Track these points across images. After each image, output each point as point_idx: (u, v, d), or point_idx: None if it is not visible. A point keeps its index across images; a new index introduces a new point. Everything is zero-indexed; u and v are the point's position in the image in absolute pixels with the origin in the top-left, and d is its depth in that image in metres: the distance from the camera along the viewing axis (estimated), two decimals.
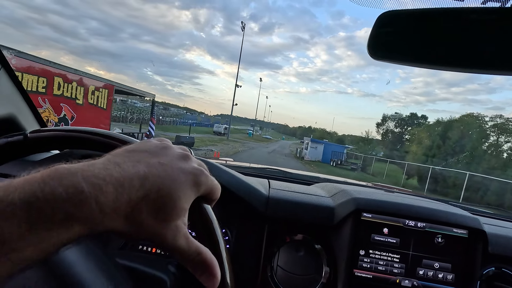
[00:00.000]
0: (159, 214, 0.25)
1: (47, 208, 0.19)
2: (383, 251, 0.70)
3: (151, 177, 0.25)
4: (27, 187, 0.20)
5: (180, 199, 0.26)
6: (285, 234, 0.74)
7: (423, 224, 0.70)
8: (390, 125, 44.54)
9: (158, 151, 0.29)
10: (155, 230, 0.25)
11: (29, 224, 0.18)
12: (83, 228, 0.21)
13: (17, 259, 0.18)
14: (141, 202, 0.24)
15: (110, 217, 0.22)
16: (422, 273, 0.69)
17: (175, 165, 0.28)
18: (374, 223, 0.71)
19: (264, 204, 0.74)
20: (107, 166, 0.24)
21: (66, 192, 0.20)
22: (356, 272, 0.69)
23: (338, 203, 0.75)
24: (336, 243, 0.73)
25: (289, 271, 0.72)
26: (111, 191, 0.22)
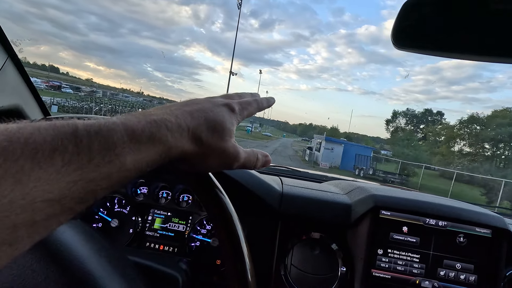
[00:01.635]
0: (214, 135, 0.31)
1: (138, 129, 0.25)
2: (402, 250, 0.67)
3: (194, 111, 0.31)
4: (122, 117, 0.26)
5: (225, 122, 0.33)
6: (299, 232, 0.71)
7: (444, 223, 0.67)
8: (401, 122, 41.08)
9: (190, 100, 0.35)
10: (217, 146, 0.32)
11: (128, 135, 0.24)
12: (163, 147, 0.27)
13: (122, 162, 0.24)
14: (197, 129, 0.30)
15: (179, 139, 0.29)
16: (443, 274, 0.66)
17: (208, 103, 0.34)
18: (393, 221, 0.68)
19: (278, 201, 0.71)
20: (161, 110, 0.30)
21: (145, 121, 0.27)
22: (374, 272, 0.66)
23: (355, 200, 0.73)
24: (353, 242, 0.70)
25: (304, 270, 0.69)
26: (173, 121, 0.29)
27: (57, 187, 0.20)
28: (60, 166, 0.20)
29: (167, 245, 0.81)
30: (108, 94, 31.29)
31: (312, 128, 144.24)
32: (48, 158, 0.20)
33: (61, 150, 0.20)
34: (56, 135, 0.21)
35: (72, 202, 0.21)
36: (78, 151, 0.21)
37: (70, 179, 0.21)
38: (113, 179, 0.24)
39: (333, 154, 19.73)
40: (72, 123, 0.23)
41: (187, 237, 0.80)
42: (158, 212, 0.84)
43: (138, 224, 0.81)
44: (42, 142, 0.20)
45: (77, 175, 0.21)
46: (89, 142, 0.22)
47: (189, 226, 0.82)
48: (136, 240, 0.80)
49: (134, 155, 0.25)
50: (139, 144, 0.25)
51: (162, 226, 0.83)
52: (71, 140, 0.21)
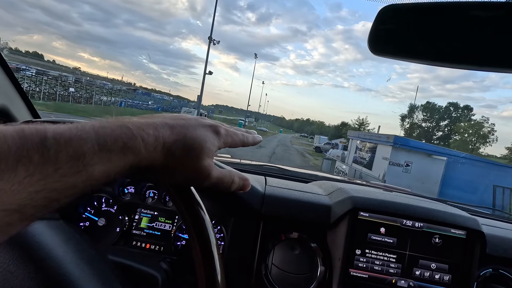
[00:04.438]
0: (190, 153, 0.31)
1: (110, 139, 0.25)
2: (380, 250, 0.69)
3: (177, 127, 0.31)
4: (95, 124, 0.26)
5: (206, 142, 0.33)
6: (280, 232, 0.73)
7: (420, 224, 0.69)
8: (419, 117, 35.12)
9: (177, 115, 0.35)
10: (189, 163, 0.32)
11: (99, 146, 0.24)
12: (134, 158, 0.27)
13: (90, 172, 0.24)
14: (174, 144, 0.30)
15: (153, 153, 0.28)
16: (418, 273, 0.69)
17: (195, 121, 0.34)
18: (371, 222, 0.70)
19: (260, 202, 0.73)
20: (143, 119, 0.30)
21: (120, 130, 0.26)
22: (351, 272, 0.69)
23: (335, 201, 0.74)
24: (332, 242, 0.72)
25: (284, 269, 0.71)
26: (151, 133, 0.28)
27: (18, 198, 0.20)
28: (23, 177, 0.20)
29: (154, 244, 0.82)
30: (83, 80, 30.21)
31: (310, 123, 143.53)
32: (11, 169, 0.19)
33: (25, 160, 0.20)
34: (23, 144, 0.20)
35: (33, 210, 0.21)
36: (44, 161, 0.21)
37: (33, 189, 0.20)
38: (78, 188, 0.23)
39: (409, 176, 9.11)
40: (42, 130, 0.22)
41: (173, 236, 0.82)
42: (145, 211, 0.86)
43: (125, 223, 0.82)
44: (6, 152, 0.19)
45: (41, 185, 0.21)
46: (57, 152, 0.22)
47: (175, 225, 0.84)
48: (122, 239, 0.82)
49: (103, 165, 0.24)
50: (109, 154, 0.25)
51: (149, 225, 0.84)
52: (38, 149, 0.21)
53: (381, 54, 0.57)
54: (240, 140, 0.40)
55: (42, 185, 0.21)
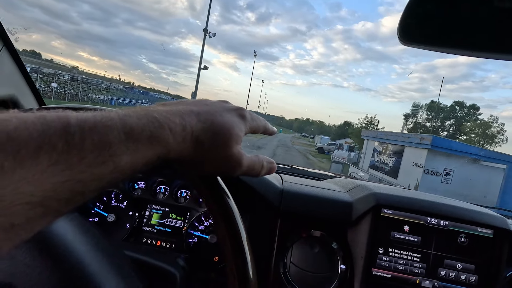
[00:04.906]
0: (218, 141, 0.29)
1: (137, 128, 0.23)
2: (403, 249, 0.66)
3: (202, 113, 0.29)
4: (120, 112, 0.24)
5: (233, 128, 0.31)
6: (299, 230, 0.70)
7: (446, 223, 0.67)
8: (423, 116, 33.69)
9: (200, 100, 0.33)
10: (220, 153, 0.30)
11: (125, 135, 0.22)
12: (162, 149, 0.25)
13: (117, 163, 0.22)
14: (202, 132, 0.28)
15: (181, 142, 0.27)
16: (443, 273, 0.66)
17: (219, 106, 0.33)
18: (394, 220, 0.67)
19: (278, 197, 0.70)
20: (166, 107, 0.29)
21: (147, 119, 0.24)
22: (374, 271, 0.66)
23: (357, 198, 0.72)
24: (353, 240, 0.69)
25: (303, 268, 0.68)
26: (177, 122, 0.26)
27: (41, 189, 0.18)
28: (46, 165, 0.18)
29: (164, 241, 0.79)
30: (79, 78, 28.99)
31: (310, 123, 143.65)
32: (33, 157, 0.18)
33: (48, 147, 0.18)
34: (44, 130, 0.19)
35: (57, 204, 0.19)
36: (68, 150, 0.19)
37: (56, 180, 0.19)
38: (104, 180, 0.22)
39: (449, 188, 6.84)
40: (64, 116, 0.20)
41: (184, 233, 0.79)
42: (155, 207, 0.83)
43: (135, 219, 0.79)
44: (27, 138, 0.18)
45: (65, 175, 0.19)
46: (82, 139, 0.20)
47: (187, 222, 0.81)
48: (132, 235, 0.79)
49: (130, 156, 0.23)
50: (137, 144, 0.23)
51: (160, 221, 0.81)
52: (61, 136, 0.19)
53: (411, 44, 0.55)
54: (263, 126, 0.38)
55: (67, 176, 0.19)
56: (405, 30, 0.52)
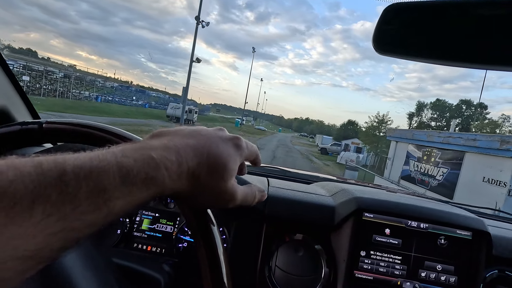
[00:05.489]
0: (214, 175, 0.29)
1: (133, 171, 0.23)
2: (385, 252, 0.68)
3: (199, 147, 0.29)
4: (117, 152, 0.24)
5: (229, 161, 0.31)
6: (284, 234, 0.72)
7: (426, 225, 0.69)
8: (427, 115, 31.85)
9: (196, 129, 0.33)
10: (214, 187, 0.30)
11: (120, 178, 0.22)
12: (157, 189, 0.25)
13: (111, 208, 0.22)
14: (198, 167, 0.28)
15: (176, 181, 0.27)
16: (424, 275, 0.68)
17: (215, 135, 0.32)
18: (375, 224, 0.69)
19: (263, 203, 0.72)
20: (162, 141, 0.28)
21: (143, 160, 0.24)
22: (356, 274, 0.68)
23: (339, 202, 0.73)
24: (336, 244, 0.71)
25: (288, 271, 0.70)
26: (174, 159, 0.27)
27: (33, 243, 0.18)
28: (40, 218, 0.18)
29: (155, 246, 0.81)
30: (73, 76, 28.38)
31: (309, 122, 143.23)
32: (27, 211, 0.18)
33: (43, 199, 0.18)
34: (40, 182, 0.19)
35: (49, 253, 0.19)
36: (63, 200, 0.19)
37: (50, 231, 0.19)
38: (97, 225, 0.22)
39: None
40: (61, 163, 0.20)
41: (174, 238, 0.81)
42: (146, 213, 0.85)
43: (126, 225, 0.81)
44: (22, 192, 0.18)
45: (58, 225, 0.19)
46: (76, 188, 0.20)
47: (176, 227, 0.83)
48: (123, 241, 0.81)
49: (124, 200, 0.23)
50: (132, 187, 0.23)
51: (150, 227, 0.83)
52: (56, 186, 0.19)
53: (385, 53, 0.56)
54: (256, 154, 0.38)
55: (60, 226, 0.19)
56: (380, 39, 0.54)
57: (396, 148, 9.66)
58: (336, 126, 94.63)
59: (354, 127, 61.97)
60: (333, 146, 30.59)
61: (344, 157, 18.13)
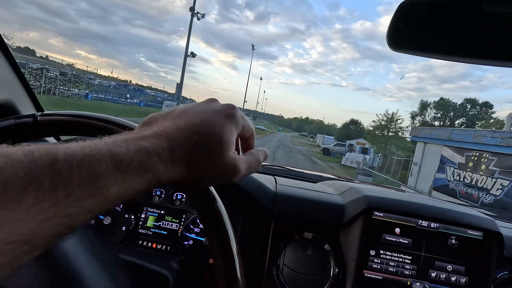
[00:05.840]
0: (210, 153, 0.29)
1: (125, 159, 0.23)
2: (394, 251, 0.67)
3: (189, 126, 0.28)
4: (109, 141, 0.24)
5: (223, 134, 0.29)
6: (292, 232, 0.71)
7: (436, 225, 0.68)
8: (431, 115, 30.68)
9: (186, 107, 0.32)
10: (213, 166, 0.29)
11: (114, 166, 0.22)
12: (153, 177, 0.25)
13: (105, 195, 0.22)
14: (190, 150, 0.28)
15: (172, 167, 0.26)
16: (434, 275, 0.67)
17: (206, 109, 0.31)
18: (385, 223, 0.68)
19: (271, 200, 0.71)
20: (153, 129, 0.28)
21: (135, 147, 0.24)
22: (365, 273, 0.67)
23: (348, 200, 0.73)
24: (345, 243, 0.70)
25: (296, 270, 0.69)
26: (165, 146, 0.26)
27: (26, 228, 0.18)
28: (32, 204, 0.18)
29: (160, 244, 0.80)
30: (69, 74, 27.37)
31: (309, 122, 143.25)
32: (19, 197, 0.18)
33: (35, 186, 0.18)
34: (31, 168, 0.19)
35: (43, 240, 0.19)
36: (55, 186, 0.19)
37: (43, 217, 0.19)
38: (93, 212, 0.22)
39: None
40: (53, 151, 0.20)
41: (180, 236, 0.80)
42: (151, 210, 0.84)
43: (131, 222, 0.80)
44: (13, 178, 0.18)
45: (51, 212, 0.19)
46: (69, 175, 0.20)
47: (182, 224, 0.82)
48: (128, 238, 0.80)
49: (119, 187, 0.23)
50: (126, 174, 0.23)
51: (155, 224, 0.82)
52: (48, 173, 0.19)
53: (400, 50, 0.55)
54: (251, 128, 0.36)
55: (52, 212, 0.19)
56: (395, 35, 0.53)
57: (425, 150, 7.77)
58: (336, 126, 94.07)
59: (357, 126, 58.90)
60: (336, 147, 29.36)
61: (350, 158, 17.09)
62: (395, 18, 0.52)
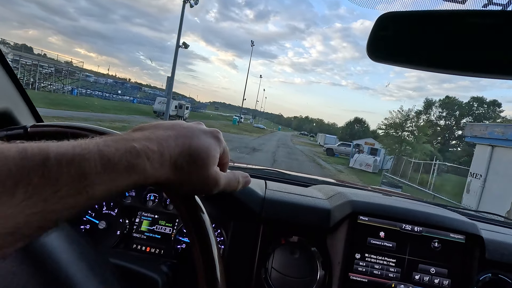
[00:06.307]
0: (197, 162, 0.31)
1: (114, 159, 0.24)
2: (379, 255, 0.69)
3: (180, 137, 0.31)
4: (99, 141, 0.25)
5: (210, 149, 0.33)
6: (280, 236, 0.73)
7: (419, 229, 0.70)
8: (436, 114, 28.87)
9: (176, 123, 0.34)
10: (197, 175, 0.31)
11: (102, 166, 0.23)
12: (140, 177, 0.26)
13: (92, 193, 0.23)
14: (180, 156, 0.30)
15: (158, 169, 0.28)
16: (418, 278, 0.69)
17: (195, 128, 0.34)
18: (370, 227, 0.70)
19: (260, 205, 0.73)
20: (145, 132, 0.30)
21: (125, 148, 0.26)
22: (351, 276, 0.69)
23: (335, 205, 0.75)
24: (331, 246, 0.72)
25: (284, 273, 0.71)
26: (155, 149, 0.28)
27: (13, 221, 0.19)
28: (21, 199, 0.19)
29: (154, 247, 0.83)
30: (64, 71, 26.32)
31: (309, 121, 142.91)
32: (9, 192, 0.19)
33: (25, 182, 0.20)
34: (23, 166, 0.20)
35: (28, 231, 0.20)
36: (44, 183, 0.20)
37: (30, 211, 0.20)
38: (77, 208, 0.23)
39: None
40: (45, 149, 0.22)
41: (173, 239, 0.82)
42: (145, 214, 0.86)
43: (126, 226, 0.83)
44: (6, 174, 0.19)
45: (39, 207, 0.20)
46: (58, 173, 0.21)
47: (175, 228, 0.84)
48: (123, 242, 0.82)
49: (105, 185, 0.24)
50: (114, 173, 0.24)
51: (149, 228, 0.85)
52: (38, 171, 0.20)
53: (379, 60, 0.57)
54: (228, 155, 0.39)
55: (40, 207, 0.20)
56: (374, 46, 0.55)
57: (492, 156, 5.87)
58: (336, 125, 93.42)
59: (361, 125, 55.19)
60: (340, 147, 27.28)
61: (359, 160, 15.03)
62: (374, 29, 0.54)
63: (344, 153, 25.73)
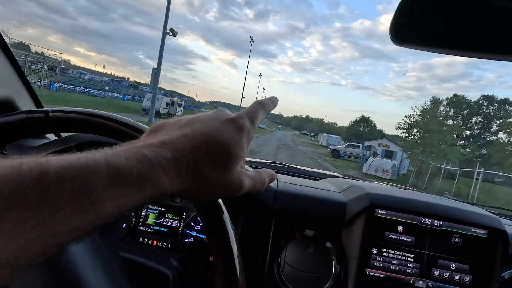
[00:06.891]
0: (217, 165, 0.27)
1: (124, 170, 0.21)
2: (397, 250, 0.66)
3: (197, 136, 0.27)
4: (108, 151, 0.22)
5: (232, 147, 0.28)
6: (293, 230, 0.71)
7: (440, 223, 0.67)
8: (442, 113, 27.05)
9: (194, 117, 0.30)
10: (219, 180, 0.28)
11: (110, 179, 0.20)
12: (154, 190, 0.23)
13: (100, 211, 0.20)
14: (198, 160, 0.26)
15: (176, 178, 0.25)
16: (437, 274, 0.66)
17: (214, 118, 0.30)
18: (388, 220, 0.67)
19: (272, 198, 0.70)
20: (158, 136, 0.27)
21: (136, 158, 0.22)
22: (368, 271, 0.66)
23: (351, 198, 0.72)
24: (347, 240, 0.70)
25: (297, 268, 0.68)
26: (169, 156, 0.24)
27: (7, 250, 0.16)
28: (13, 224, 0.16)
29: (161, 241, 0.80)
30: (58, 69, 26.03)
31: (309, 121, 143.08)
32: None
33: (18, 204, 0.17)
34: (17, 183, 0.17)
35: (27, 261, 0.18)
36: (42, 203, 0.18)
37: (27, 237, 0.17)
38: (84, 230, 0.20)
39: None
40: (44, 163, 0.19)
41: (180, 233, 0.79)
42: (152, 207, 0.83)
43: (132, 219, 0.80)
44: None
45: (37, 231, 0.17)
46: (59, 190, 0.18)
47: (183, 222, 0.81)
48: (129, 235, 0.80)
49: (115, 201, 0.21)
50: (124, 187, 0.21)
51: (156, 221, 0.82)
52: (35, 189, 0.17)
53: (403, 44, 0.54)
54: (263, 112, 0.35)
55: (37, 232, 0.17)
56: (398, 30, 0.52)
57: None
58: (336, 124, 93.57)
59: (368, 124, 52.24)
60: (347, 148, 24.98)
61: (374, 165, 12.82)
62: (398, 12, 0.51)
63: (351, 155, 23.53)
